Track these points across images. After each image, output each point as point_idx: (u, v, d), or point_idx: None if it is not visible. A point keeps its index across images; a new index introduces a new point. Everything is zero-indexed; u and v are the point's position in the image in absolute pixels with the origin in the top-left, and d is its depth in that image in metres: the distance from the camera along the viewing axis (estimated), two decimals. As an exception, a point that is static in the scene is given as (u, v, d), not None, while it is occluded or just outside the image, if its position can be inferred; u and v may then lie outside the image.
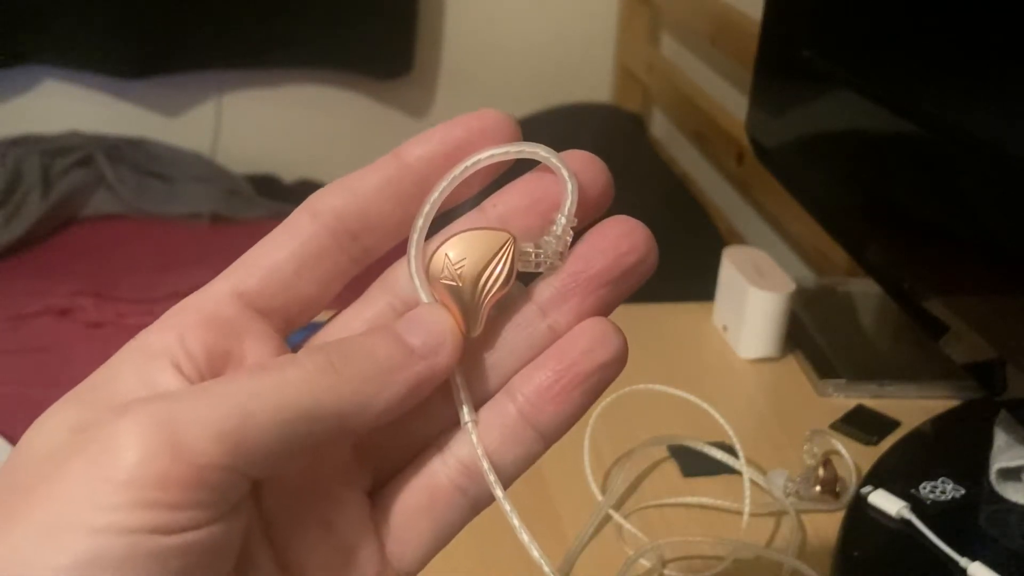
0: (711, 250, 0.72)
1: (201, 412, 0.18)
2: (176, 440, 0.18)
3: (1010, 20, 0.43)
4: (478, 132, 0.22)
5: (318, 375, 0.20)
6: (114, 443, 0.18)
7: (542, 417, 0.22)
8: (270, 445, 0.19)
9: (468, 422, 0.23)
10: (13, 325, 1.13)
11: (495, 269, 0.22)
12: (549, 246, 0.22)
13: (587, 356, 0.22)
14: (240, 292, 0.21)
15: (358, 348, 0.21)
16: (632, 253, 0.22)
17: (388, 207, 0.22)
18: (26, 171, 1.32)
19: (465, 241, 0.22)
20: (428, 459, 0.23)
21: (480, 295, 0.22)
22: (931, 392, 0.61)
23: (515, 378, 0.23)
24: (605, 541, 0.48)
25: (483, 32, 1.55)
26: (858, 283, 0.74)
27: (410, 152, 0.22)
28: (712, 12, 1.17)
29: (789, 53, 0.64)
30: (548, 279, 0.23)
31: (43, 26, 1.40)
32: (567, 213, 0.22)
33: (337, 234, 0.22)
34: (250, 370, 0.20)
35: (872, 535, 0.48)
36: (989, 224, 0.46)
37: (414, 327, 0.21)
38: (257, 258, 0.22)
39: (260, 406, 0.19)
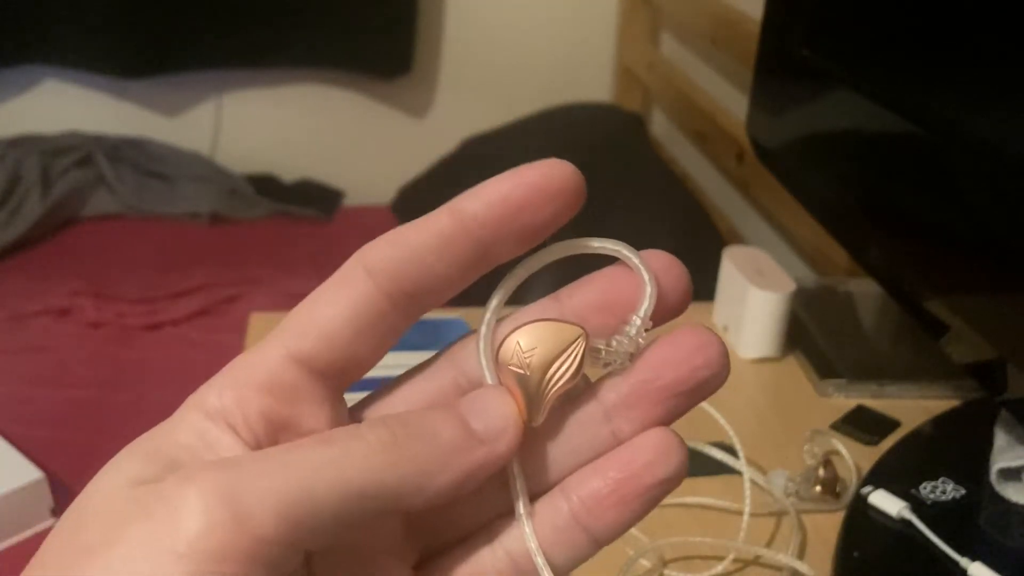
0: (711, 250, 0.72)
1: (264, 484, 0.18)
2: (238, 513, 0.18)
3: (1010, 20, 0.43)
4: (539, 191, 0.21)
5: (380, 451, 0.20)
6: (176, 510, 0.18)
7: (596, 523, 0.22)
8: (329, 520, 0.19)
9: (523, 514, 0.22)
10: (13, 325, 1.13)
11: (564, 362, 0.22)
12: (621, 346, 0.22)
13: (648, 469, 0.22)
14: (296, 356, 0.21)
15: (422, 427, 0.20)
16: (705, 368, 0.22)
17: (443, 269, 0.21)
18: (26, 171, 1.32)
19: (538, 331, 0.22)
20: (477, 546, 0.23)
21: (546, 386, 0.22)
22: (931, 392, 0.61)
23: (572, 478, 0.22)
24: (605, 541, 0.48)
25: (483, 32, 1.55)
26: (858, 283, 0.74)
27: (465, 209, 0.21)
28: (712, 12, 1.17)
29: (789, 53, 0.64)
30: (615, 382, 0.22)
31: (43, 26, 1.40)
32: (643, 316, 0.22)
33: (392, 296, 0.21)
34: (313, 441, 0.20)
35: (872, 535, 0.48)
36: (989, 223, 0.46)
37: (478, 411, 0.21)
38: (312, 318, 0.21)
39: (322, 481, 0.19)
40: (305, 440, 0.20)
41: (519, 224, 0.21)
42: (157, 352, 1.09)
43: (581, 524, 0.22)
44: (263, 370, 0.21)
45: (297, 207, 1.44)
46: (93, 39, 1.42)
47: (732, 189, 1.18)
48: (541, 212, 0.21)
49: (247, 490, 0.18)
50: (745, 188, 1.12)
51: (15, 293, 1.18)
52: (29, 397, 1.00)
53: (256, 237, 1.37)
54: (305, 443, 0.19)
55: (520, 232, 0.21)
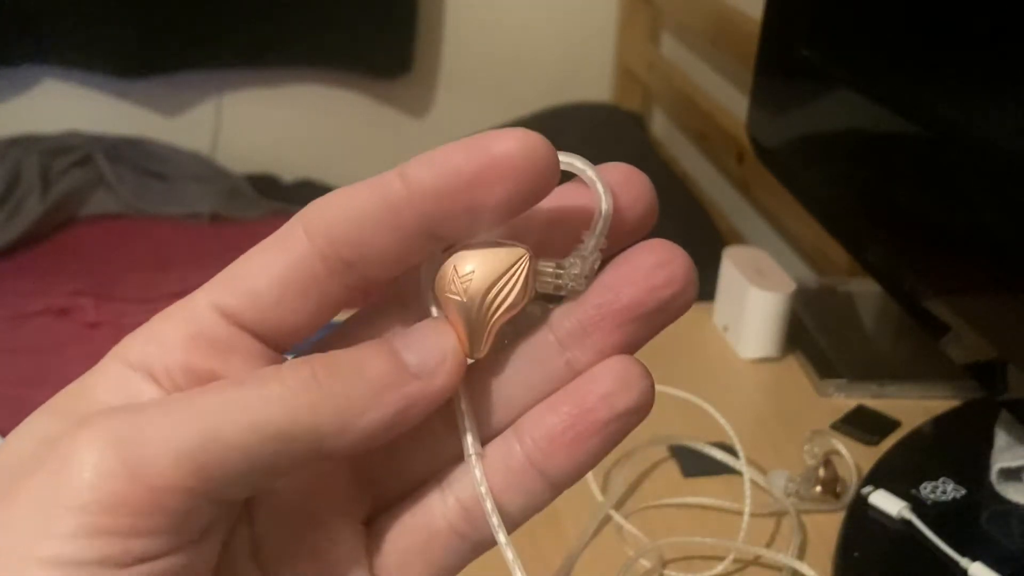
0: (711, 250, 0.72)
1: (163, 429, 0.17)
2: (132, 459, 0.17)
3: (1010, 19, 0.43)
4: (496, 166, 0.18)
5: (299, 391, 0.18)
6: (68, 463, 0.17)
7: (552, 465, 0.20)
8: (240, 466, 0.17)
9: (472, 455, 0.20)
10: (12, 325, 1.12)
11: (505, 285, 0.20)
12: (572, 267, 0.20)
13: (606, 401, 0.20)
14: (221, 309, 0.19)
15: (347, 362, 0.19)
16: (668, 286, 0.19)
17: (386, 240, 0.19)
18: (25, 171, 1.32)
19: (475, 254, 0.20)
20: (427, 495, 0.21)
21: (487, 313, 0.20)
22: (932, 392, 0.61)
23: (525, 417, 0.20)
24: (605, 541, 0.48)
25: (483, 31, 1.55)
26: (859, 283, 0.74)
27: (416, 180, 0.18)
28: (712, 11, 1.17)
29: (789, 53, 0.63)
30: (570, 309, 0.20)
31: (42, 26, 1.40)
32: (597, 233, 0.20)
33: (328, 260, 0.19)
34: (224, 383, 0.18)
35: (873, 535, 0.48)
36: (989, 223, 0.46)
37: (412, 343, 0.19)
38: (241, 274, 0.20)
39: (230, 423, 0.17)
40: (216, 383, 0.18)
41: (470, 201, 0.18)
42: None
43: (536, 467, 0.20)
44: (187, 321, 0.19)
45: (297, 207, 1.43)
46: (93, 39, 1.42)
47: (732, 189, 1.18)
48: (495, 191, 0.18)
49: (143, 436, 0.17)
50: (745, 188, 1.12)
51: (15, 293, 1.18)
52: (29, 397, 1.00)
53: (256, 237, 1.35)
54: (215, 386, 0.18)
55: (471, 210, 0.18)
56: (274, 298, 0.19)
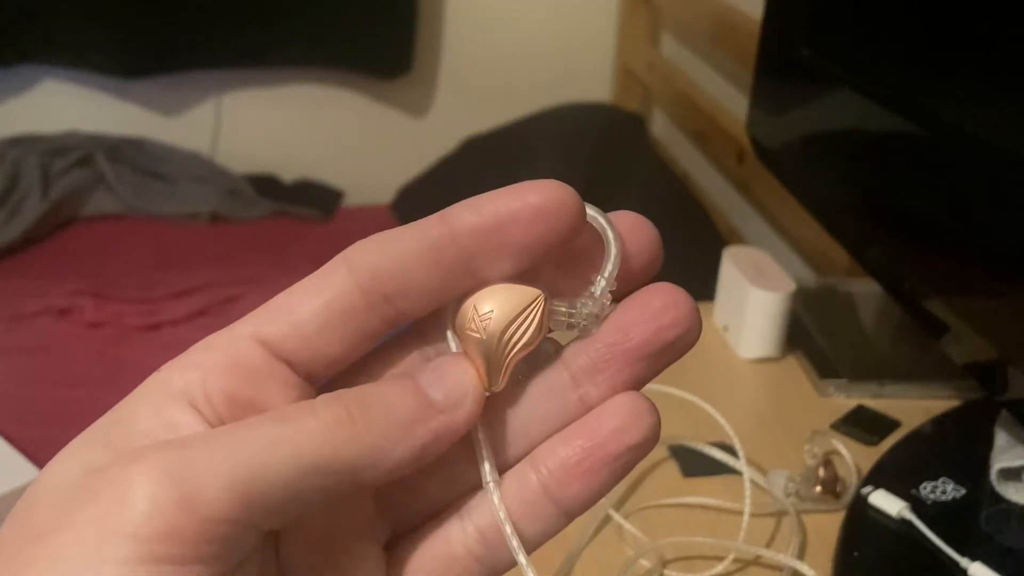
0: (711, 250, 0.72)
1: (213, 463, 0.18)
2: (186, 492, 0.18)
3: (1010, 19, 0.43)
4: (530, 207, 0.20)
5: (335, 426, 0.19)
6: (123, 493, 0.18)
7: (565, 494, 0.22)
8: (282, 498, 0.19)
9: (490, 482, 0.22)
10: (12, 325, 1.12)
11: (522, 324, 0.21)
12: (584, 308, 0.21)
13: (617, 436, 0.21)
14: (262, 338, 0.21)
15: (377, 399, 0.20)
16: (674, 327, 0.21)
17: (426, 276, 0.21)
18: (25, 171, 1.32)
19: (494, 294, 0.21)
20: (447, 522, 0.22)
21: (505, 350, 0.21)
22: (932, 392, 0.61)
23: (540, 448, 0.22)
24: (605, 541, 0.48)
25: (483, 31, 1.55)
26: (859, 283, 0.74)
27: (458, 219, 0.20)
28: (712, 12, 1.17)
29: (789, 53, 0.63)
30: (582, 347, 0.22)
31: (42, 26, 1.40)
32: (607, 275, 0.21)
33: (368, 294, 0.21)
34: (265, 418, 0.19)
35: (873, 535, 0.48)
36: (989, 224, 0.46)
37: (436, 379, 0.21)
38: (284, 306, 0.21)
39: (274, 458, 0.18)
40: (258, 417, 0.19)
41: (506, 239, 0.20)
42: (157, 352, 1.08)
43: (550, 495, 0.22)
44: (228, 350, 0.20)
45: (297, 207, 1.44)
46: (93, 39, 1.42)
47: (732, 189, 1.18)
48: (529, 229, 0.20)
49: (196, 469, 0.18)
50: (745, 188, 1.12)
51: (15, 293, 1.18)
52: (29, 397, 1.00)
53: (256, 237, 1.37)
54: (257, 420, 0.19)
55: (506, 247, 0.20)
56: (314, 329, 0.21)
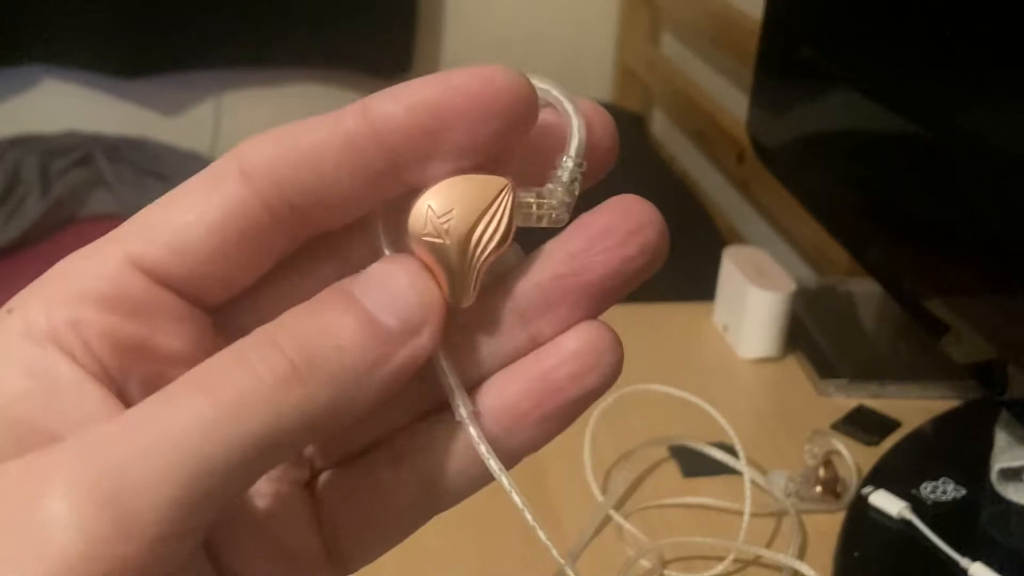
0: (711, 250, 0.72)
1: (146, 466, 0.14)
2: (123, 516, 0.14)
3: (1011, 19, 0.43)
4: (477, 103, 0.16)
5: (279, 387, 0.15)
6: (42, 525, 0.14)
7: (515, 441, 0.18)
8: (230, 487, 0.15)
9: (465, 415, 0.18)
10: (12, 325, 1.12)
11: (490, 223, 0.17)
12: (554, 195, 0.18)
13: (575, 380, 0.18)
14: (139, 263, 0.16)
15: (323, 342, 0.16)
16: (641, 255, 0.18)
17: (341, 180, 0.16)
18: (25, 171, 1.32)
19: (452, 189, 0.17)
20: (375, 466, 0.19)
21: (472, 256, 0.17)
22: (932, 392, 0.61)
23: (487, 387, 0.19)
24: (605, 541, 0.48)
25: (482, 30, 1.55)
26: (859, 283, 0.74)
27: (378, 110, 0.16)
28: (713, 11, 1.17)
29: (790, 52, 0.63)
30: (530, 276, 0.18)
31: (42, 25, 1.40)
32: (574, 155, 0.18)
33: (271, 205, 0.16)
34: (192, 391, 0.15)
35: (873, 536, 0.48)
36: (990, 223, 0.46)
37: (384, 296, 0.17)
38: (163, 221, 0.17)
39: (216, 446, 0.15)
40: (181, 390, 0.15)
41: (446, 141, 0.16)
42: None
43: (498, 442, 0.18)
44: (100, 279, 0.16)
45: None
46: (92, 38, 1.42)
47: (732, 189, 1.18)
48: (477, 131, 0.16)
49: (128, 481, 0.14)
50: (745, 188, 1.12)
51: (13, 293, 1.17)
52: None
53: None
54: (183, 395, 0.15)
55: (445, 151, 0.17)
56: (205, 251, 0.16)
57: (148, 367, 0.17)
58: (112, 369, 0.16)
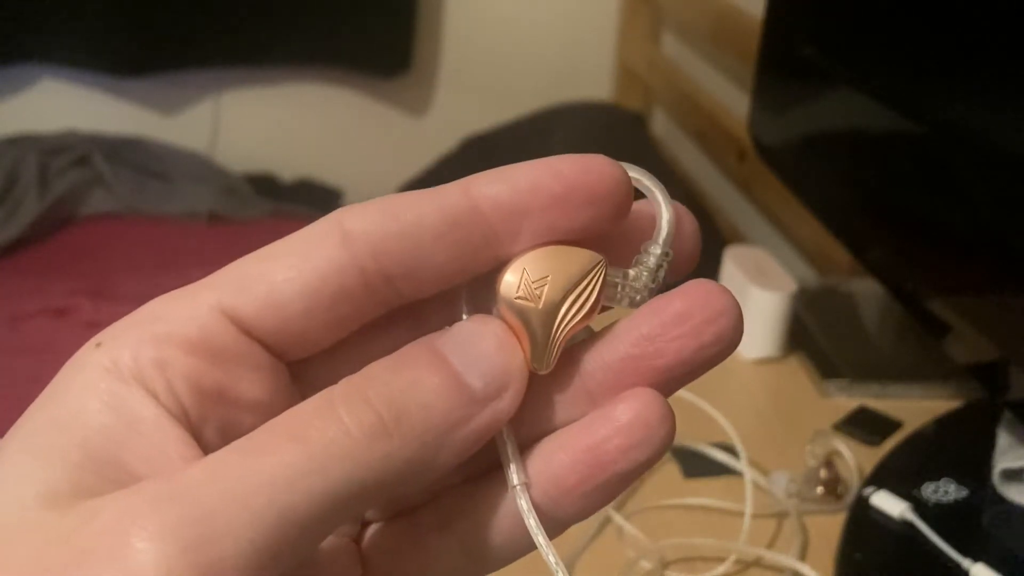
0: (712, 250, 0.71)
1: (231, 514, 0.14)
2: (206, 562, 0.14)
3: (1012, 19, 0.43)
4: (578, 189, 0.17)
5: (367, 441, 0.15)
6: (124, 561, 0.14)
7: (562, 512, 0.18)
8: (312, 537, 0.15)
9: (517, 484, 0.18)
10: (10, 325, 1.12)
11: (581, 295, 0.18)
12: (640, 279, 0.18)
13: (625, 454, 0.17)
14: (231, 313, 0.17)
15: (411, 396, 0.16)
16: (714, 345, 0.18)
17: (443, 257, 0.17)
18: (23, 170, 1.32)
19: (547, 257, 0.17)
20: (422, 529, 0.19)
21: (558, 325, 0.17)
22: (934, 393, 0.60)
23: (536, 453, 0.18)
24: (606, 542, 0.48)
25: (483, 30, 1.54)
26: (860, 283, 0.74)
27: (483, 189, 0.17)
28: (713, 10, 1.17)
29: (791, 51, 0.63)
30: (598, 349, 0.18)
31: (40, 24, 1.40)
32: (663, 242, 0.18)
33: (368, 274, 0.17)
34: (281, 440, 0.15)
35: (874, 536, 0.47)
36: (992, 223, 0.46)
37: (471, 358, 0.17)
38: (259, 276, 0.17)
39: (302, 495, 0.15)
40: (269, 439, 0.15)
41: (545, 222, 0.17)
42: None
43: (545, 512, 0.18)
44: (190, 324, 0.17)
45: (295, 206, 1.44)
46: (90, 37, 1.42)
47: (733, 188, 1.18)
48: (576, 214, 0.17)
49: (213, 528, 0.14)
50: (746, 187, 1.12)
51: (12, 293, 1.17)
52: (27, 397, 0.99)
53: (254, 236, 1.35)
54: (271, 444, 0.15)
55: (542, 231, 0.17)
56: (298, 310, 0.17)
57: (226, 413, 0.17)
58: (192, 412, 0.17)
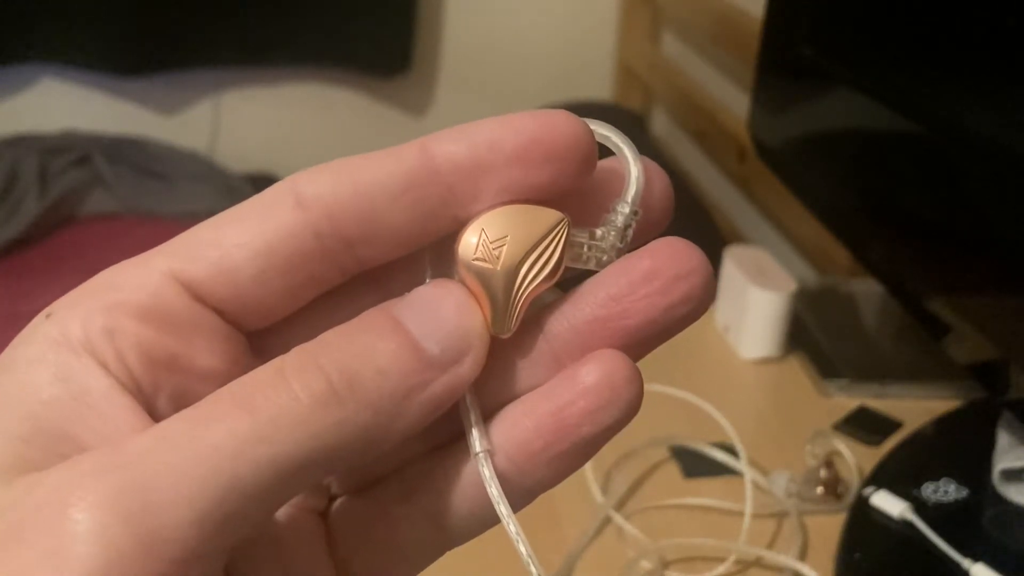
0: (712, 249, 0.71)
1: (174, 484, 0.14)
2: (145, 530, 0.14)
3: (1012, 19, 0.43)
4: (538, 144, 0.16)
5: (317, 408, 0.15)
6: (63, 539, 0.14)
7: (529, 479, 0.18)
8: (259, 509, 0.15)
9: (480, 452, 0.17)
10: (10, 325, 1.12)
11: (541, 255, 0.17)
12: (607, 239, 0.17)
13: (592, 417, 0.17)
14: (183, 279, 0.16)
15: (364, 365, 0.16)
16: (684, 304, 0.17)
17: (402, 218, 0.16)
18: (23, 170, 1.32)
19: (507, 217, 0.17)
20: (387, 502, 0.19)
21: (519, 287, 0.17)
22: (934, 392, 0.60)
23: (500, 419, 0.18)
24: (606, 542, 0.48)
25: (483, 29, 1.54)
26: (860, 283, 0.74)
27: (439, 148, 0.16)
28: (713, 10, 1.17)
29: (791, 51, 0.63)
30: (566, 314, 0.17)
31: (40, 24, 1.40)
32: (631, 201, 0.17)
33: (324, 238, 0.16)
34: (227, 408, 0.15)
35: (874, 536, 0.47)
36: (991, 223, 0.46)
37: (428, 322, 0.16)
38: (213, 242, 0.17)
39: (249, 465, 0.14)
40: (215, 407, 0.15)
41: (505, 179, 0.16)
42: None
43: (511, 481, 0.18)
44: (141, 292, 0.16)
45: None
46: (90, 37, 1.42)
47: (733, 188, 1.18)
48: (536, 172, 0.16)
49: (155, 498, 0.14)
50: (746, 187, 1.12)
51: (12, 293, 1.17)
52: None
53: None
54: (217, 413, 0.15)
55: (503, 189, 0.17)
56: (251, 275, 0.16)
57: (179, 382, 0.17)
58: (143, 381, 0.16)
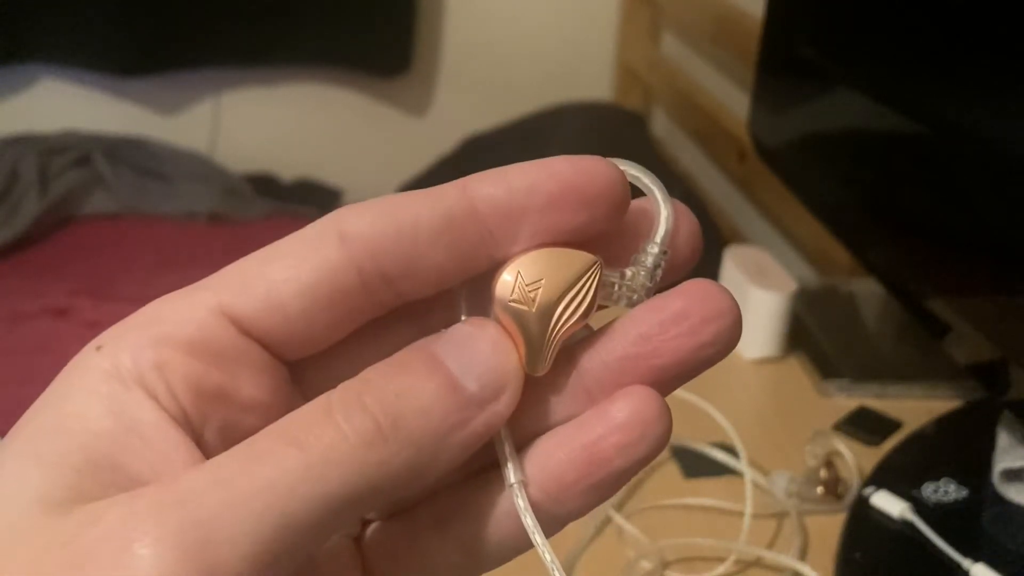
0: (713, 250, 0.72)
1: (232, 518, 0.15)
2: (206, 564, 0.14)
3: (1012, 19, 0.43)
4: (575, 190, 0.17)
5: (364, 447, 0.16)
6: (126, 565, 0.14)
7: (561, 509, 0.18)
8: (309, 542, 0.16)
9: (515, 483, 0.18)
10: (10, 325, 1.12)
11: (576, 297, 0.18)
12: (637, 278, 0.18)
13: (623, 452, 0.18)
14: (230, 313, 0.17)
15: (407, 404, 0.16)
16: (713, 344, 0.18)
17: (440, 257, 0.17)
18: (23, 170, 1.32)
19: (542, 260, 0.18)
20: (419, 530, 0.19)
21: (553, 328, 0.18)
22: (934, 393, 0.60)
23: (533, 452, 0.18)
24: (606, 542, 0.48)
25: (482, 30, 1.54)
26: (860, 283, 0.74)
27: (480, 190, 0.17)
28: (714, 10, 1.17)
29: (791, 51, 0.63)
30: (598, 351, 0.18)
31: (40, 24, 1.40)
32: (660, 241, 0.18)
33: (365, 274, 0.17)
34: (279, 445, 0.16)
35: (874, 537, 0.47)
36: (992, 224, 0.46)
37: (466, 360, 0.17)
38: (258, 277, 0.17)
39: (300, 501, 0.15)
40: (268, 445, 0.16)
41: (542, 223, 0.17)
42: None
43: (543, 510, 0.18)
44: (189, 325, 0.17)
45: (296, 206, 1.44)
46: (90, 37, 1.42)
47: (733, 188, 1.18)
48: (572, 216, 0.17)
49: (212, 534, 0.14)
50: (747, 187, 1.12)
51: (12, 293, 1.17)
52: (27, 397, 0.99)
53: (255, 236, 1.36)
54: (270, 450, 0.16)
55: (538, 232, 0.17)
56: (297, 310, 0.17)
57: (226, 414, 0.17)
58: (192, 414, 0.17)
